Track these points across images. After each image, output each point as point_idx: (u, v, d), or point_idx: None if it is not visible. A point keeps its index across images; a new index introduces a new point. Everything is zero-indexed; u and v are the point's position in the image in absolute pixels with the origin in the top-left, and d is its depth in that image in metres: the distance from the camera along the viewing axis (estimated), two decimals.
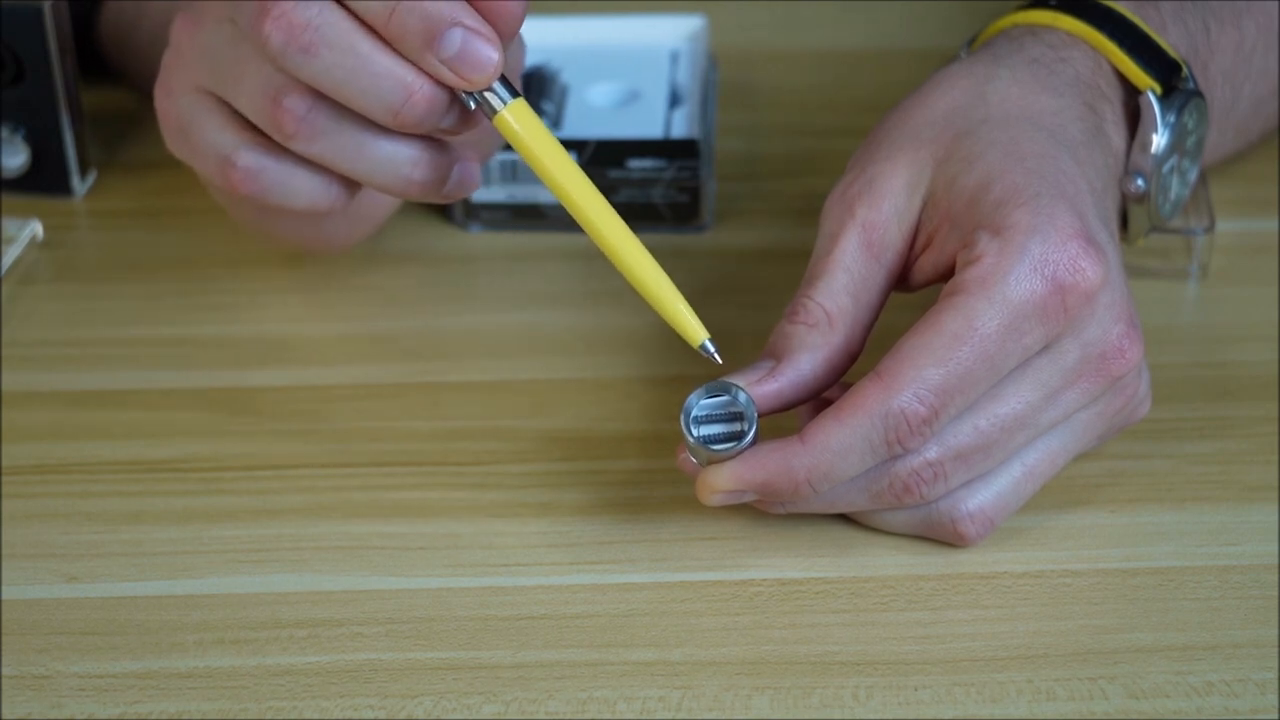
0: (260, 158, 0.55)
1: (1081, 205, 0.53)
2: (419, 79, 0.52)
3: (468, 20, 0.51)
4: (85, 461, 0.60)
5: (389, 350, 0.66)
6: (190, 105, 0.56)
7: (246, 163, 0.55)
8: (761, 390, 0.53)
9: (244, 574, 0.55)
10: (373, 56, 0.52)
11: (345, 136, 0.54)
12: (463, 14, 0.52)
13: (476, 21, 0.52)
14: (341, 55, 0.52)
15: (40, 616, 0.54)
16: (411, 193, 0.55)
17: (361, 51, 0.52)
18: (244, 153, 0.55)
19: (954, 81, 0.58)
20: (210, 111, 0.56)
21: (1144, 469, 0.59)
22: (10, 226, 0.72)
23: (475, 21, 0.52)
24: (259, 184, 0.55)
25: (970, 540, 0.55)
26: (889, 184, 0.56)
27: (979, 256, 0.52)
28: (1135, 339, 0.54)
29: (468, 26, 0.51)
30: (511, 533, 0.57)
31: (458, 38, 0.51)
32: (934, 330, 0.51)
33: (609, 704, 0.50)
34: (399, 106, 0.52)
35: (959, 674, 0.51)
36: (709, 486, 0.53)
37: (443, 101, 0.53)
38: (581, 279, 0.70)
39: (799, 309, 0.54)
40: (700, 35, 0.80)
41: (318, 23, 0.51)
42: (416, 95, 0.52)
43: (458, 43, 0.51)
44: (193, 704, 0.51)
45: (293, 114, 0.53)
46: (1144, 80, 0.60)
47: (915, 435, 0.51)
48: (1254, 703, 0.50)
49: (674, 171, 0.71)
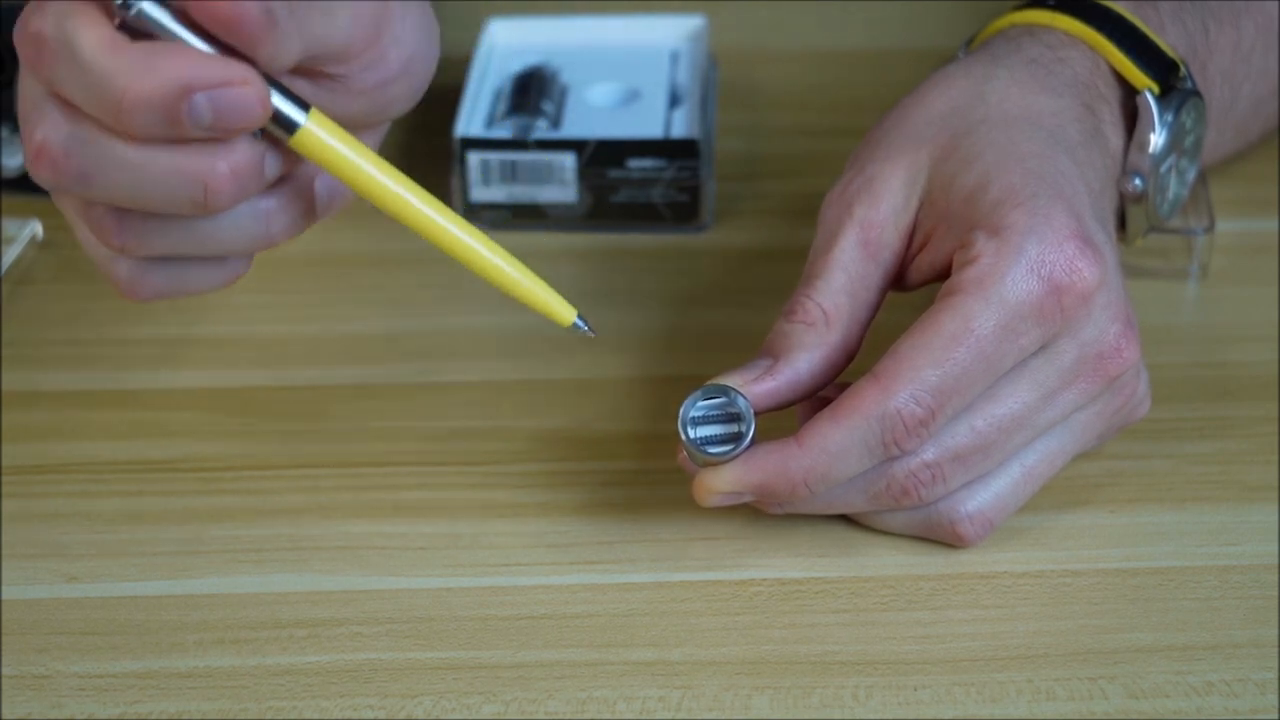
0: (135, 264, 0.49)
1: (1079, 206, 0.53)
2: (201, 159, 0.46)
3: (196, 74, 0.44)
4: (85, 461, 0.60)
5: (389, 350, 0.66)
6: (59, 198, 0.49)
7: (125, 272, 0.49)
8: (758, 389, 0.53)
9: (244, 574, 0.55)
10: (145, 160, 0.45)
11: (175, 230, 0.48)
12: (187, 69, 0.44)
13: (206, 67, 0.44)
14: (114, 171, 0.46)
15: (40, 616, 0.54)
16: (280, 240, 0.50)
17: (131, 161, 0.45)
18: (117, 262, 0.49)
19: (952, 82, 0.58)
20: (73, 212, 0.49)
21: (1144, 469, 0.59)
22: (10, 226, 0.72)
23: (205, 68, 0.44)
24: (146, 289, 0.50)
25: (969, 541, 0.55)
26: (887, 184, 0.56)
27: (976, 257, 0.52)
28: (1132, 339, 0.54)
29: (201, 82, 0.44)
30: (511, 533, 0.57)
31: (201, 103, 0.44)
32: (931, 331, 0.52)
33: (609, 704, 0.50)
34: (202, 199, 0.46)
35: (959, 674, 0.51)
36: (706, 488, 0.53)
37: (248, 162, 0.46)
38: (581, 279, 0.70)
39: (797, 308, 0.54)
40: (700, 35, 0.80)
41: (73, 148, 0.46)
42: (213, 178, 0.46)
43: (204, 108, 0.44)
44: (193, 704, 0.51)
45: (109, 230, 0.48)
46: (1141, 80, 0.60)
47: (912, 436, 0.51)
48: (1254, 703, 0.50)
49: (674, 171, 0.71)
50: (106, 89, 0.44)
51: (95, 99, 0.45)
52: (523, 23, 0.80)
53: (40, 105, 0.46)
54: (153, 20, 0.45)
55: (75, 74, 0.45)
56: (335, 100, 0.49)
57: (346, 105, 0.49)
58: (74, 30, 0.45)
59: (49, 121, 0.46)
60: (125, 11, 0.45)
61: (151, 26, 0.45)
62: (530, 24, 0.80)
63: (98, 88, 0.45)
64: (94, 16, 0.45)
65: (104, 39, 0.45)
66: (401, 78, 0.50)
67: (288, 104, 0.47)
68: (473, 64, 0.77)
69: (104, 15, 0.45)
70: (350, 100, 0.49)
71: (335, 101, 0.49)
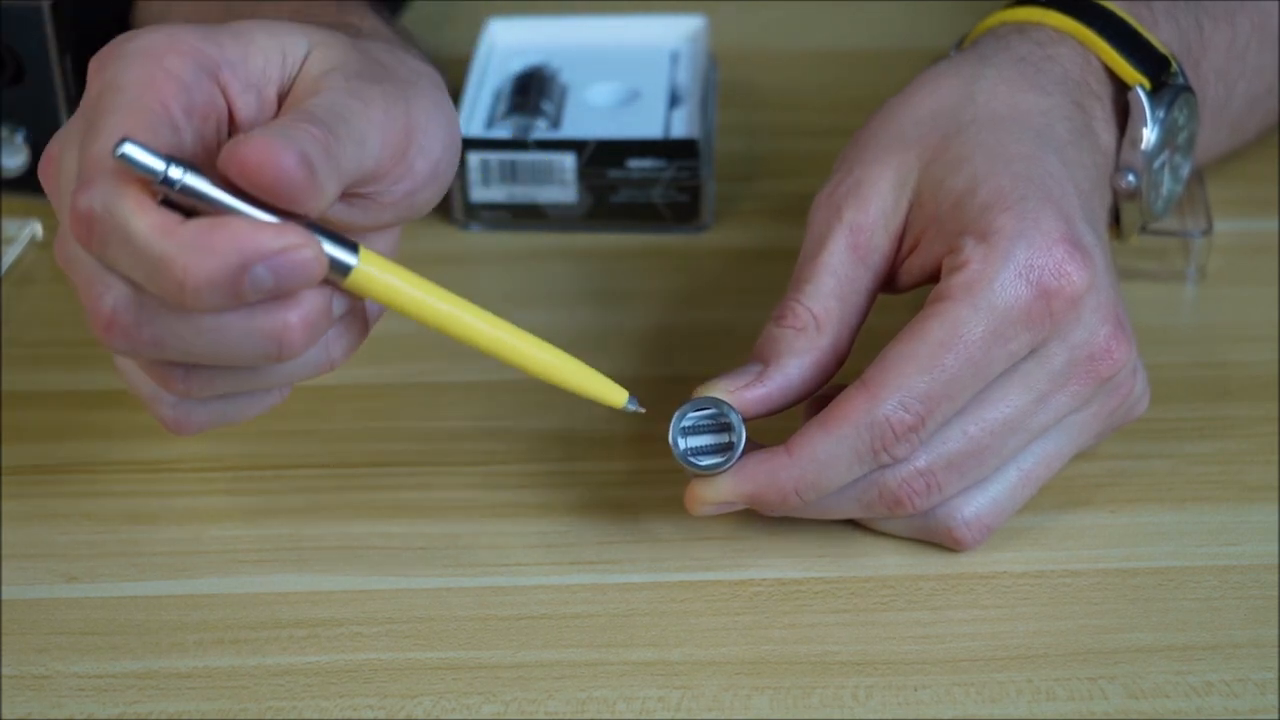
0: (181, 403, 0.49)
1: (1068, 208, 0.53)
2: (272, 316, 0.46)
3: (253, 247, 0.44)
4: (85, 461, 0.60)
5: (389, 350, 0.65)
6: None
7: (171, 410, 0.50)
8: (749, 396, 0.53)
9: (244, 574, 0.55)
10: (218, 325, 0.46)
11: (243, 374, 0.49)
12: (243, 243, 0.44)
13: (261, 237, 0.44)
14: (188, 338, 0.46)
15: (40, 616, 0.54)
16: (340, 364, 0.51)
17: (205, 327, 0.46)
18: (165, 401, 0.49)
19: (940, 81, 0.58)
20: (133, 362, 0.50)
21: (1144, 469, 0.59)
22: (10, 226, 0.72)
23: (259, 239, 0.44)
24: (191, 425, 0.50)
25: (967, 546, 0.55)
26: (876, 186, 0.55)
27: (964, 262, 0.52)
28: (1123, 339, 0.53)
29: (258, 254, 0.44)
30: (511, 533, 0.57)
31: (261, 273, 0.44)
32: (919, 338, 0.51)
33: (608, 704, 0.50)
34: (277, 351, 0.46)
35: (959, 674, 0.51)
36: (697, 499, 0.53)
37: (317, 309, 0.46)
38: (581, 279, 0.70)
39: (786, 312, 0.54)
40: (700, 35, 0.80)
41: (145, 318, 0.46)
42: (286, 331, 0.46)
43: (265, 276, 0.45)
44: (193, 704, 0.51)
45: (174, 379, 0.48)
46: (1132, 75, 0.59)
47: (902, 443, 0.51)
48: (1254, 703, 0.50)
49: (674, 171, 0.71)
50: (166, 273, 0.44)
51: (156, 282, 0.45)
52: (523, 23, 0.80)
53: (100, 275, 0.46)
54: (196, 192, 0.45)
55: (132, 258, 0.45)
56: (367, 214, 0.49)
57: (377, 217, 0.49)
58: (124, 215, 0.44)
59: (114, 293, 0.46)
60: (170, 188, 0.45)
61: (195, 197, 0.45)
62: (530, 24, 0.80)
63: (157, 273, 0.44)
64: (139, 197, 0.44)
65: (155, 225, 0.44)
66: (430, 183, 0.50)
67: (338, 249, 0.47)
68: (473, 64, 0.77)
69: (147, 193, 0.45)
70: (380, 212, 0.49)
71: (367, 215, 0.49)
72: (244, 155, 0.44)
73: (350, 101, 0.47)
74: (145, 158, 0.44)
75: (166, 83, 0.46)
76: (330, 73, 0.48)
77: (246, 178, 0.44)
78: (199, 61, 0.47)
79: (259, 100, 0.48)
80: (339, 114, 0.46)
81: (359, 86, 0.48)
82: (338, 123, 0.46)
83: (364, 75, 0.48)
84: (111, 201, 0.44)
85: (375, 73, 0.49)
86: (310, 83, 0.48)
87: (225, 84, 0.47)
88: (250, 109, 0.48)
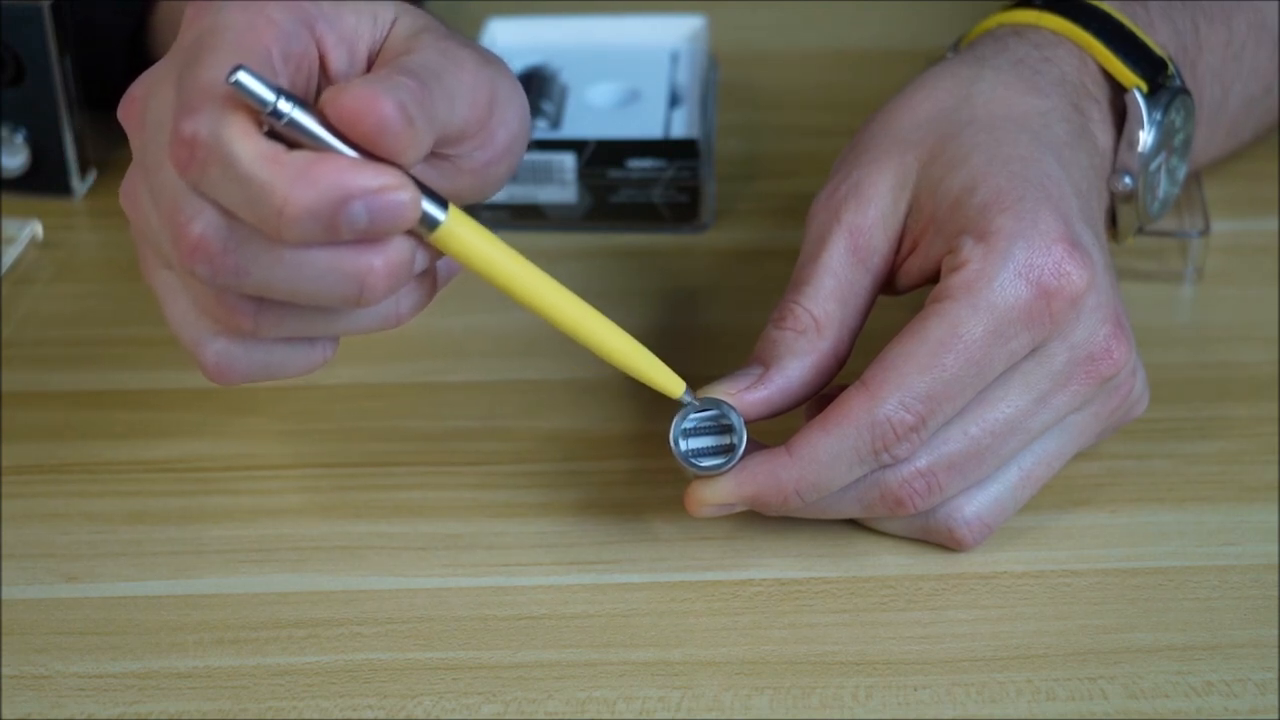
0: (229, 346, 0.50)
1: (1066, 208, 0.53)
2: (358, 258, 0.47)
3: (353, 183, 0.45)
4: (85, 461, 0.60)
5: (389, 350, 0.65)
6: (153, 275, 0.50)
7: (216, 355, 0.50)
8: (750, 398, 0.53)
9: (244, 574, 0.55)
10: (304, 260, 0.46)
11: (314, 316, 0.49)
12: (345, 178, 0.45)
13: (362, 174, 0.45)
14: (272, 269, 0.46)
15: (40, 616, 0.54)
16: (407, 320, 0.51)
17: (290, 260, 0.46)
18: (211, 343, 0.50)
19: (938, 83, 0.58)
20: (174, 291, 0.50)
21: (1144, 469, 0.59)
22: (10, 226, 0.72)
23: (360, 176, 0.45)
24: (234, 373, 0.50)
25: (968, 546, 0.55)
26: (875, 188, 0.55)
27: (964, 263, 0.52)
28: (1122, 339, 0.54)
29: (358, 190, 0.45)
30: (511, 533, 0.57)
31: (358, 210, 0.45)
32: (919, 338, 0.51)
33: (608, 704, 0.50)
34: (357, 295, 0.47)
35: (959, 674, 0.51)
36: (698, 500, 0.53)
37: (402, 258, 0.47)
38: (582, 279, 0.69)
39: (786, 314, 0.54)
40: (700, 35, 0.80)
41: (232, 245, 0.46)
42: (370, 275, 0.47)
43: (361, 214, 0.45)
44: (193, 704, 0.51)
45: (244, 313, 0.48)
46: (1129, 78, 0.60)
47: (902, 443, 0.51)
48: (1254, 703, 0.50)
49: (674, 171, 0.71)
50: (267, 200, 0.45)
51: (253, 208, 0.45)
52: (523, 23, 0.80)
53: (190, 199, 0.46)
54: (301, 127, 0.45)
55: (233, 183, 0.45)
56: (445, 179, 0.49)
57: (454, 183, 0.50)
58: (231, 140, 0.45)
59: (204, 218, 0.46)
60: (276, 120, 0.45)
61: (298, 133, 0.45)
62: (530, 24, 0.80)
63: (257, 200, 0.45)
64: (246, 125, 0.45)
65: (262, 151, 0.45)
66: (505, 157, 0.50)
67: (429, 203, 0.47)
68: None
69: (254, 122, 0.45)
70: (458, 178, 0.50)
71: (445, 180, 0.49)
72: (346, 101, 0.45)
73: (443, 60, 0.48)
74: (258, 87, 0.44)
75: (268, 28, 0.47)
76: (421, 33, 0.49)
77: (348, 123, 0.45)
78: (297, 13, 0.48)
79: (350, 56, 0.49)
80: (433, 70, 0.47)
81: (450, 47, 0.49)
82: (431, 79, 0.47)
83: (453, 38, 0.50)
84: (218, 127, 0.45)
85: (462, 39, 0.50)
86: (401, 42, 0.49)
87: (320, 36, 0.48)
88: (342, 63, 0.49)
